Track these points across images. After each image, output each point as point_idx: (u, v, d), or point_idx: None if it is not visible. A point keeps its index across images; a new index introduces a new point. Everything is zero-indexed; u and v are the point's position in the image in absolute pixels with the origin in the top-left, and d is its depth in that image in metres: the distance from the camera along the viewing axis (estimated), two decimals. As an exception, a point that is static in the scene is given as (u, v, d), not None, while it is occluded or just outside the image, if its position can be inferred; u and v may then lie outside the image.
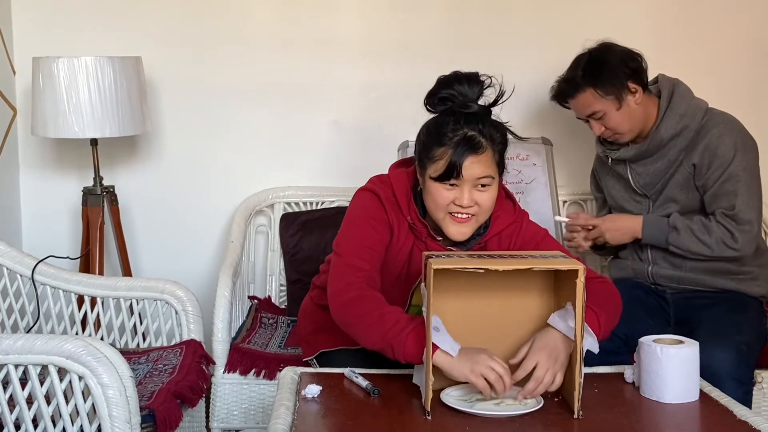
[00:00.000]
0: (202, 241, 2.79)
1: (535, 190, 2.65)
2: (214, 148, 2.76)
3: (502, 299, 1.62)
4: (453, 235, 1.70)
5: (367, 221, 1.73)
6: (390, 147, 2.66)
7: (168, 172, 2.76)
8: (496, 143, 1.67)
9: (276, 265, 2.73)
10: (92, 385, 1.54)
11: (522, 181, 2.63)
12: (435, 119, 1.69)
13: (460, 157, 1.62)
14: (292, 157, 2.78)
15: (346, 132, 2.78)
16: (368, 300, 1.61)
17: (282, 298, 2.73)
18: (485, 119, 1.66)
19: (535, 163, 2.67)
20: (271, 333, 2.47)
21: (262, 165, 2.78)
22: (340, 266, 1.69)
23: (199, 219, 2.78)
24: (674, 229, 2.17)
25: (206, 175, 2.77)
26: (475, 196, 1.66)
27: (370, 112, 2.76)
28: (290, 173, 2.77)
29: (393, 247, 1.75)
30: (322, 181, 2.77)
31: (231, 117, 2.75)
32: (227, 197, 2.75)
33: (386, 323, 1.56)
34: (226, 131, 2.76)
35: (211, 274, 2.73)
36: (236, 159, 2.77)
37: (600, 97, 2.17)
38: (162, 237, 2.79)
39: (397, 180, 1.77)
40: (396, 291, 1.75)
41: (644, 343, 1.60)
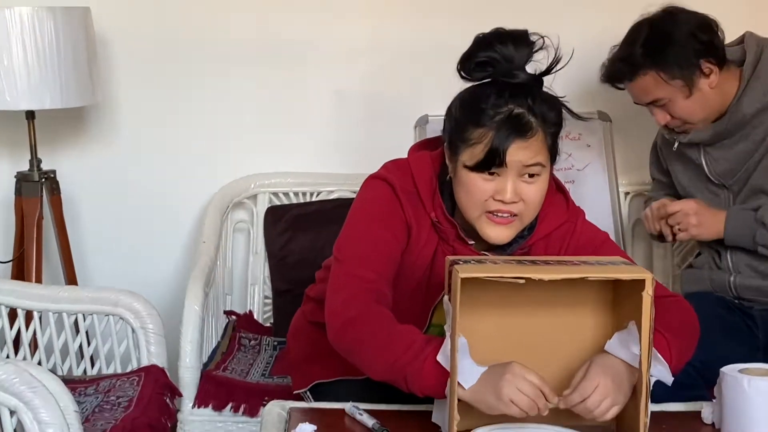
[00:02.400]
0: (167, 241, 2.80)
1: (589, 178, 2.65)
2: (181, 125, 2.77)
3: (548, 318, 1.61)
4: (491, 238, 1.70)
5: (377, 218, 1.72)
6: (405, 123, 2.66)
7: (124, 154, 2.77)
8: (549, 123, 1.66)
9: (260, 272, 2.74)
10: (27, 422, 1.55)
11: (572, 167, 2.63)
12: (472, 91, 1.68)
13: (503, 141, 1.62)
14: (281, 135, 2.79)
15: (349, 104, 2.78)
16: (374, 318, 1.61)
17: (267, 313, 2.73)
18: (536, 92, 1.65)
19: (590, 144, 2.67)
20: (252, 358, 2.47)
21: (243, 145, 2.78)
22: (341, 276, 1.68)
23: (162, 213, 2.79)
24: (763, 225, 2.16)
25: (172, 159, 2.78)
26: (520, 189, 1.66)
27: (380, 79, 2.76)
28: (278, 156, 2.78)
29: (411, 252, 1.75)
30: (318, 166, 2.78)
31: (204, 85, 2.75)
32: (198, 186, 2.77)
33: (397, 346, 1.56)
34: (197, 103, 2.76)
35: (178, 282, 2.74)
36: (210, 138, 2.78)
37: (664, 82, 2.16)
38: (115, 236, 2.80)
39: (419, 166, 1.77)
40: (413, 308, 1.75)
41: (727, 374, 1.59)
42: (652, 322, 1.50)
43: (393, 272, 1.71)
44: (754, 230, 2.16)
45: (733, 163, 2.22)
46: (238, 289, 2.77)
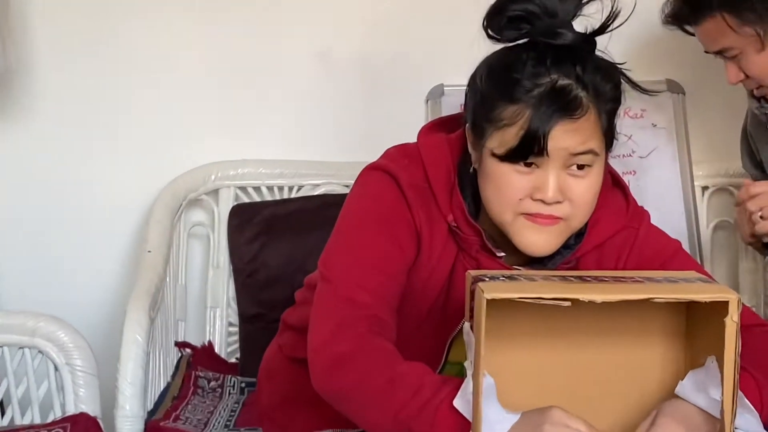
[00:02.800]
0: (100, 250, 2.81)
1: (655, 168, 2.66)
2: (118, 97, 2.78)
3: (600, 352, 1.61)
4: (528, 248, 1.69)
5: (376, 224, 1.72)
6: (413, 95, 2.67)
7: (41, 136, 2.78)
8: (604, 99, 1.66)
9: (222, 292, 2.75)
10: None
11: (633, 153, 2.64)
12: (502, 56, 1.68)
13: (545, 121, 1.61)
14: (251, 111, 2.80)
15: (340, 71, 2.79)
16: (371, 355, 1.60)
17: (232, 345, 2.74)
18: (587, 58, 1.65)
19: (656, 124, 2.67)
20: (213, 404, 2.47)
21: (200, 124, 2.80)
22: (329, 300, 1.69)
23: (94, 214, 2.80)
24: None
25: (106, 141, 2.79)
26: (566, 184, 1.66)
27: (380, 37, 2.77)
28: (246, 139, 2.80)
29: (421, 268, 1.75)
30: (299, 152, 2.80)
31: (148, 45, 2.77)
32: (141, 177, 2.78)
33: (401, 392, 1.55)
34: (139, 68, 2.77)
35: (115, 305, 2.75)
36: (156, 114, 2.79)
37: (731, 29, 2.19)
38: (32, 243, 2.81)
39: (433, 154, 1.77)
40: (424, 341, 1.75)
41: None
42: (738, 358, 1.49)
43: (397, 294, 1.71)
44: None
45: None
46: (194, 313, 2.77)
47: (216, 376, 2.60)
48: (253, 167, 2.78)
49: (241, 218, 2.73)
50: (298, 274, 2.24)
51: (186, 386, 2.51)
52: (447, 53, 2.64)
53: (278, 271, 2.66)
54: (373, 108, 2.78)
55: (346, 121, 2.79)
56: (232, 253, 2.73)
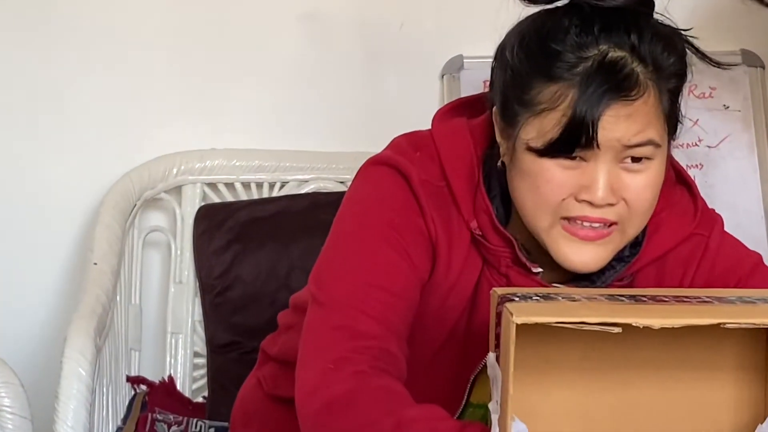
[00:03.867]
0: (33, 264, 2.83)
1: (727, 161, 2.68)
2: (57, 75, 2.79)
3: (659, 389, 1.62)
4: (571, 262, 1.71)
5: (382, 231, 1.73)
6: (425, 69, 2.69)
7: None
8: (666, 75, 1.67)
9: (186, 314, 2.76)
10: None
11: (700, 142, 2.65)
12: (539, 22, 1.70)
13: (593, 105, 1.62)
14: (220, 91, 2.82)
15: (332, 38, 2.81)
16: (372, 396, 1.61)
17: (198, 381, 2.76)
18: (643, 24, 1.66)
19: (729, 105, 2.68)
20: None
21: (158, 108, 2.82)
22: (322, 329, 1.70)
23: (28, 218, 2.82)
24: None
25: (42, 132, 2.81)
26: (620, 182, 1.67)
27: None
28: (216, 124, 2.82)
29: (437, 287, 1.76)
30: (282, 140, 2.82)
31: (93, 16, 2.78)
32: (85, 175, 2.80)
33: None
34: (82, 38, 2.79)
35: (51, 332, 2.77)
36: (104, 96, 2.80)
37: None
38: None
39: (451, 144, 1.78)
40: (440, 379, 1.77)
41: None
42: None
43: (408, 320, 1.72)
44: None
45: None
46: (152, 341, 2.79)
47: (178, 419, 2.60)
48: (225, 158, 2.79)
49: (209, 222, 2.74)
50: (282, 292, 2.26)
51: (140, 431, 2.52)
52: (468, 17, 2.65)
53: (257, 288, 2.67)
54: (374, 85, 2.80)
55: (341, 101, 2.81)
56: (198, 266, 2.74)
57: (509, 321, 1.48)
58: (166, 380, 2.73)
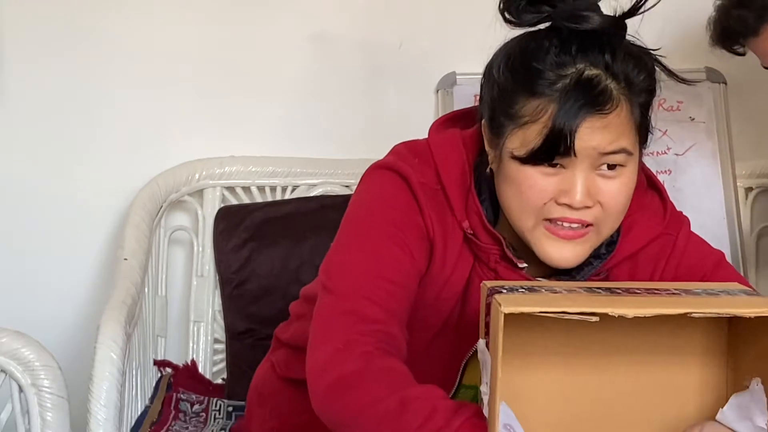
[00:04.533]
0: (70, 260, 2.82)
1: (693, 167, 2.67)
2: (93, 91, 2.79)
3: (632, 374, 1.62)
4: (552, 259, 1.71)
5: (383, 229, 1.73)
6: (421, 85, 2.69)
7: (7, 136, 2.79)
8: (637, 90, 1.67)
9: (207, 305, 2.76)
10: None
11: (669, 150, 2.65)
12: (522, 43, 1.69)
13: (571, 118, 1.62)
14: (238, 104, 2.81)
15: (339, 58, 2.80)
16: (379, 377, 1.61)
17: (218, 365, 2.76)
18: (617, 44, 1.66)
19: (694, 117, 2.68)
20: (196, 430, 2.47)
21: (182, 119, 2.81)
22: (331, 314, 1.70)
23: (63, 219, 2.81)
24: None
25: (78, 140, 2.80)
26: (596, 187, 1.67)
27: (385, 20, 2.79)
28: (234, 134, 2.81)
29: (433, 278, 1.76)
30: (294, 148, 2.81)
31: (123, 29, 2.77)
32: (117, 179, 2.79)
33: (411, 417, 1.55)
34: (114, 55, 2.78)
35: (86, 320, 2.76)
36: (134, 109, 2.80)
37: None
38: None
39: (446, 152, 1.78)
40: (436, 361, 1.76)
41: None
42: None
43: (408, 307, 1.72)
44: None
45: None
46: (176, 328, 2.79)
47: (200, 398, 2.60)
48: (242, 165, 2.79)
49: (228, 222, 2.74)
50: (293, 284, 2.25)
51: (166, 410, 2.51)
52: (460, 38, 2.65)
53: (270, 281, 2.66)
54: (376, 99, 2.79)
55: (346, 113, 2.80)
56: (218, 261, 2.74)
57: (498, 311, 1.48)
58: (189, 364, 2.73)
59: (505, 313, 1.47)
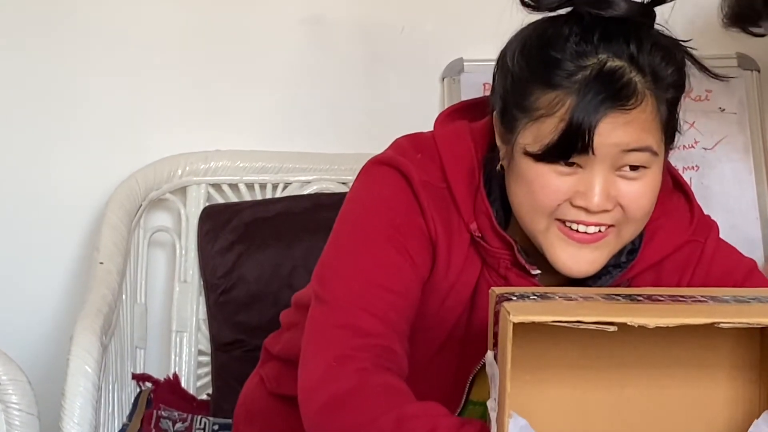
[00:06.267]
0: (41, 264, 2.83)
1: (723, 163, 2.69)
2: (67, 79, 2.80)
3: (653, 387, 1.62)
4: (566, 265, 1.71)
5: (384, 231, 1.74)
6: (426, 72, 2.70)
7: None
8: (664, 85, 1.67)
9: (190, 313, 2.77)
10: None
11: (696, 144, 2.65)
12: (539, 29, 1.70)
13: (590, 112, 1.62)
14: (225, 94, 2.83)
15: (333, 42, 2.81)
16: (373, 393, 1.62)
17: (202, 379, 2.77)
18: (643, 34, 1.66)
19: (724, 108, 2.68)
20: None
21: (164, 110, 2.82)
22: (324, 326, 1.70)
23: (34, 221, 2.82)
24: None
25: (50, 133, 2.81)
26: (616, 189, 1.67)
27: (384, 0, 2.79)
28: (220, 126, 2.82)
29: (437, 287, 1.76)
30: (285, 141, 2.82)
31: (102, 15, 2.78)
32: (93, 175, 2.80)
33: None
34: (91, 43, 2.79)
35: (58, 330, 2.77)
36: (112, 96, 2.81)
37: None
38: (-41, 254, 2.82)
39: (453, 147, 1.79)
40: (440, 376, 1.77)
41: None
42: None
43: (409, 319, 1.73)
44: None
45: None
46: (157, 339, 2.80)
47: (182, 416, 2.61)
48: (229, 160, 2.80)
49: (213, 222, 2.75)
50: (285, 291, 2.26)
51: (146, 429, 2.52)
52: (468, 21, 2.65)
53: (260, 287, 2.67)
54: (376, 88, 2.80)
55: (343, 103, 2.81)
56: (202, 265, 2.75)
57: (507, 320, 1.48)
58: (171, 378, 2.73)
59: (515, 323, 1.47)
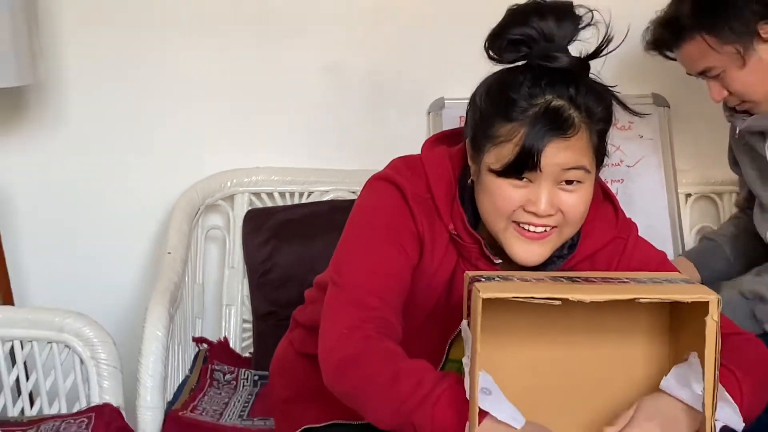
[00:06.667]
0: (123, 252, 2.82)
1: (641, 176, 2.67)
2: (141, 109, 2.79)
3: (590, 349, 1.62)
4: (519, 256, 1.70)
5: (381, 231, 1.73)
6: (415, 108, 2.68)
7: (70, 145, 2.79)
8: (596, 120, 1.66)
9: (237, 291, 2.75)
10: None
11: (621, 162, 2.65)
12: (501, 76, 1.69)
13: (539, 139, 1.62)
14: (263, 122, 2.81)
15: (347, 84, 2.79)
16: (377, 355, 1.61)
17: (246, 341, 2.75)
18: (580, 80, 1.66)
19: (643, 135, 2.68)
20: (228, 395, 2.48)
21: (217, 134, 2.81)
22: (338, 304, 1.70)
23: (117, 218, 2.81)
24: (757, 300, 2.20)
25: (129, 150, 2.80)
26: (558, 198, 1.66)
27: (385, 52, 2.78)
28: (260, 148, 2.80)
29: (423, 273, 1.76)
30: (309, 160, 2.80)
31: (169, 60, 2.77)
32: (162, 184, 2.79)
33: (402, 387, 1.56)
34: (160, 82, 2.78)
35: (136, 303, 2.76)
36: (176, 125, 2.80)
37: (713, 49, 2.18)
38: (60, 245, 2.82)
39: (436, 166, 1.78)
40: (427, 341, 1.76)
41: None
42: (719, 354, 1.50)
43: (402, 297, 1.72)
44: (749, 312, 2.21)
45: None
46: (211, 311, 2.78)
47: (231, 369, 2.61)
48: (266, 174, 2.79)
49: (254, 222, 2.74)
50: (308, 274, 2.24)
51: (203, 379, 2.52)
52: (448, 68, 2.64)
53: (289, 271, 2.66)
54: (378, 119, 2.78)
55: (353, 131, 2.80)
56: (246, 255, 2.74)
57: (477, 296, 1.49)
58: (222, 340, 2.73)
59: (484, 298, 1.48)
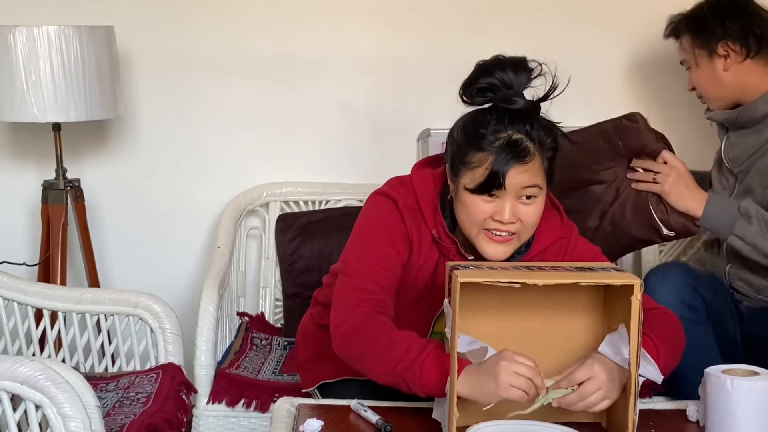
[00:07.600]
0: (183, 246, 2.81)
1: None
2: (198, 136, 2.78)
3: (543, 321, 1.62)
4: (488, 255, 1.71)
5: (380, 234, 1.75)
6: (407, 136, 2.66)
7: (143, 164, 2.78)
8: (546, 148, 1.68)
9: (271, 276, 2.74)
10: (51, 416, 1.55)
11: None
12: (472, 117, 1.70)
13: (503, 165, 1.64)
14: (291, 147, 2.79)
15: (355, 117, 2.79)
16: (374, 328, 1.63)
17: (277, 314, 2.74)
18: (534, 118, 1.67)
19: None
20: (264, 356, 2.48)
21: (255, 156, 2.79)
22: (345, 289, 1.71)
23: (179, 220, 2.80)
24: (745, 216, 2.05)
25: (189, 168, 2.79)
26: (518, 210, 1.67)
27: (384, 93, 2.77)
28: (288, 166, 2.79)
29: (412, 265, 1.76)
30: (326, 176, 2.79)
31: (218, 98, 2.76)
32: (213, 194, 2.77)
33: (395, 352, 1.57)
34: (212, 115, 2.77)
35: (194, 285, 2.75)
36: (224, 148, 2.78)
37: (689, 46, 2.20)
38: (135, 241, 2.81)
39: (422, 185, 1.79)
40: (416, 318, 1.77)
41: (711, 375, 1.59)
42: (641, 325, 1.51)
43: (395, 284, 1.73)
44: (733, 219, 2.06)
45: (741, 151, 2.19)
46: (251, 291, 2.77)
47: (266, 336, 2.60)
48: (293, 187, 2.77)
49: (284, 224, 2.73)
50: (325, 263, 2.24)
51: (244, 344, 2.52)
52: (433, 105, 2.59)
53: (310, 261, 2.65)
54: (379, 144, 2.77)
55: (360, 153, 2.78)
56: (277, 249, 2.72)
57: (456, 280, 1.50)
58: (260, 314, 2.72)
59: (461, 282, 1.50)
